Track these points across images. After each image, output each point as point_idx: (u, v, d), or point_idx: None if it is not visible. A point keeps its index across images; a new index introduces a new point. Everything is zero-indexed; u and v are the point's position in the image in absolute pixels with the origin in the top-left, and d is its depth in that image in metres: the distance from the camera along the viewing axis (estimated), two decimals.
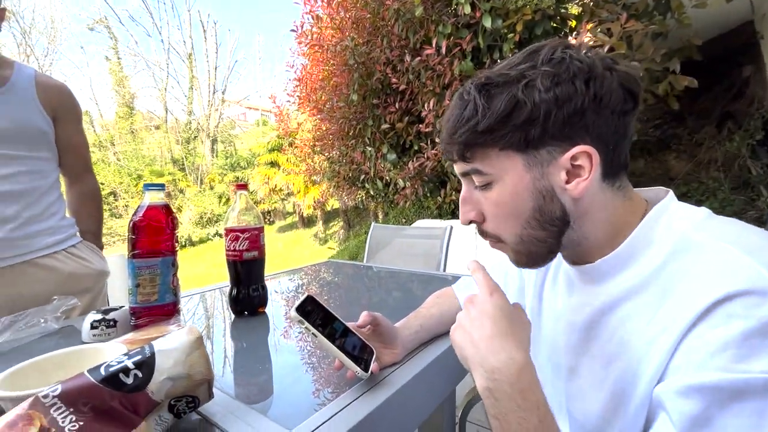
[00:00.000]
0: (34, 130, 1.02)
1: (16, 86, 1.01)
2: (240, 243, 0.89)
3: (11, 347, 0.77)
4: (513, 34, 2.44)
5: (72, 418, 0.39)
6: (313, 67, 4.06)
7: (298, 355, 0.72)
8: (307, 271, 1.50)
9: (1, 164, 0.94)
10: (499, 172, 0.47)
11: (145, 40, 21.04)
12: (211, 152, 19.52)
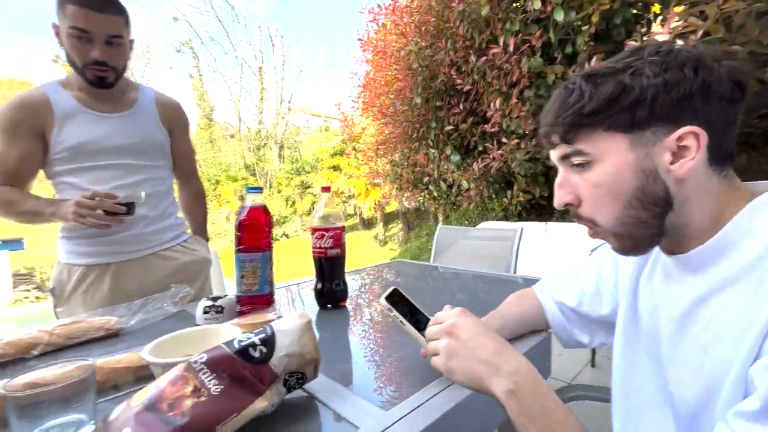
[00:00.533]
0: (155, 143, 1.19)
1: (142, 106, 1.19)
2: (325, 241, 0.97)
3: (142, 326, 0.91)
4: (588, 26, 2.31)
5: (215, 382, 0.47)
6: (377, 73, 4.18)
7: (381, 343, 0.77)
8: (375, 270, 1.56)
9: (133, 172, 1.12)
10: (601, 152, 0.47)
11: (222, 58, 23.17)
12: (278, 158, 20.79)
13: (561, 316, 0.73)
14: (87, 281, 1.09)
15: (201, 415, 0.43)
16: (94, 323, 0.84)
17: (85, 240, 1.09)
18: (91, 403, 0.50)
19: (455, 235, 2.04)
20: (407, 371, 0.64)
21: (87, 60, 1.01)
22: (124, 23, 1.05)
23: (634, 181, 0.46)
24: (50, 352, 0.78)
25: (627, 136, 0.45)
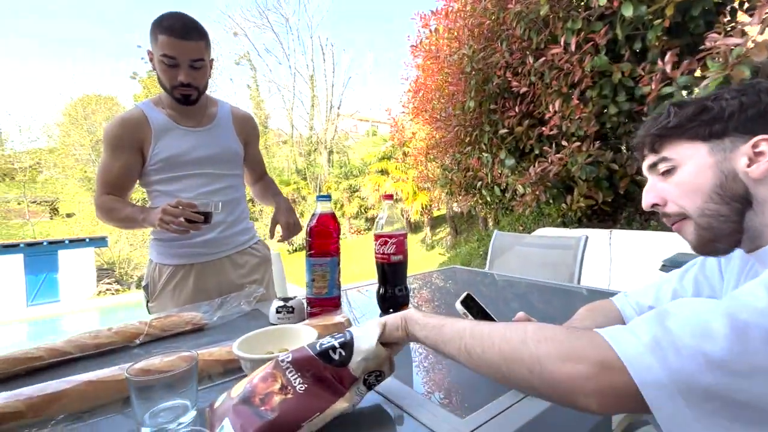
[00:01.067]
0: (232, 154, 1.29)
1: (221, 120, 1.29)
2: (388, 247, 0.99)
3: (222, 322, 1.00)
4: (661, 19, 2.15)
5: (300, 380, 0.50)
6: (428, 78, 4.18)
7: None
8: (430, 276, 1.56)
9: (215, 181, 1.23)
10: (683, 158, 0.54)
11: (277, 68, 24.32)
12: (327, 162, 21.43)
13: None
14: (175, 280, 1.21)
15: (288, 412, 0.46)
16: (184, 318, 0.93)
17: (173, 243, 1.21)
18: (193, 390, 0.56)
19: (511, 241, 1.98)
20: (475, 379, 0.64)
21: (174, 83, 1.13)
22: (204, 47, 1.14)
23: (714, 178, 0.52)
24: (148, 342, 0.87)
25: (706, 144, 0.52)
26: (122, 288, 11.94)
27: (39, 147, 16.11)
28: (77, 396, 0.57)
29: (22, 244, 10.68)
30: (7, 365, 0.70)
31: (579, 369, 0.37)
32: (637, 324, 0.38)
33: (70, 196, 15.95)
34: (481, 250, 6.24)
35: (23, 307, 10.02)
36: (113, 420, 0.57)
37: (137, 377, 0.53)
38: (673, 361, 0.33)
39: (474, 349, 0.45)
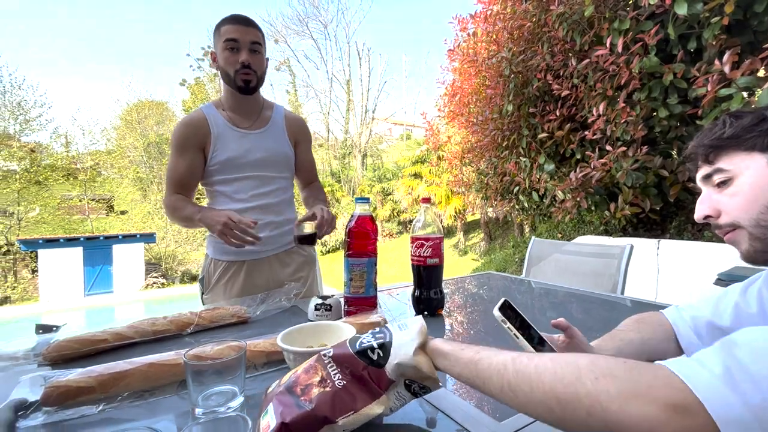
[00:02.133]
0: (284, 157, 1.35)
1: (275, 123, 1.35)
2: (424, 250, 1.01)
3: (264, 316, 1.05)
4: (719, 17, 2.02)
5: (339, 376, 0.50)
6: (464, 82, 4.15)
7: None
8: (464, 281, 1.55)
9: (267, 183, 1.29)
10: (740, 168, 0.53)
11: (314, 73, 24.95)
12: (361, 165, 21.68)
13: (697, 340, 0.66)
14: (227, 275, 1.28)
15: (323, 405, 0.46)
16: (230, 311, 0.99)
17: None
18: (241, 377, 0.60)
19: (550, 248, 1.93)
20: None
21: (237, 66, 1.20)
22: (261, 36, 1.24)
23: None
24: (198, 332, 0.93)
25: (765, 155, 0.51)
26: (167, 282, 12.67)
27: (98, 149, 17.45)
28: (140, 376, 0.63)
29: (82, 238, 11.62)
30: (79, 345, 0.78)
31: (648, 411, 0.32)
32: (705, 355, 0.35)
33: (123, 194, 17.14)
34: (516, 256, 6.08)
35: (81, 296, 10.87)
36: (170, 400, 0.62)
37: (193, 362, 0.57)
38: (752, 396, 0.30)
39: (520, 387, 0.40)
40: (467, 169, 4.63)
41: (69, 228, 14.67)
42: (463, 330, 0.95)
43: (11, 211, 13.34)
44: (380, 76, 23.93)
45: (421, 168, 12.38)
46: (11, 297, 11.10)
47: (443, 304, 1.04)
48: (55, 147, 15.50)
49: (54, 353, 0.75)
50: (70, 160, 15.83)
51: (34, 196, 14.11)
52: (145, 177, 17.25)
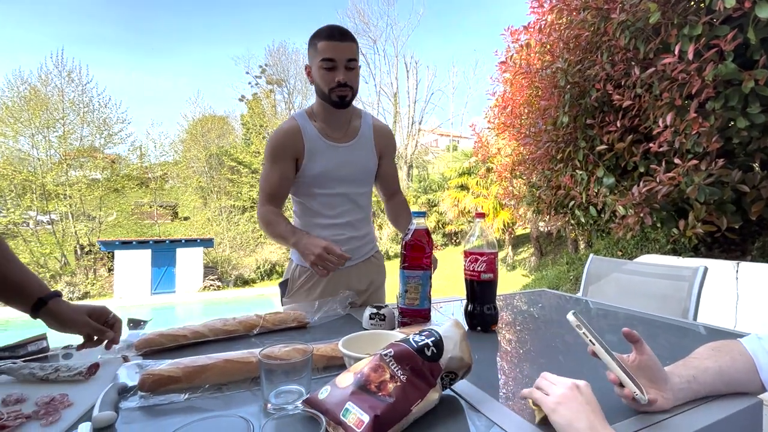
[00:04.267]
0: (369, 171, 1.36)
1: (364, 135, 1.33)
2: (478, 265, 1.01)
3: (321, 322, 1.10)
4: None
5: (401, 372, 0.56)
6: (516, 93, 4.07)
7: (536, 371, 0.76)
8: (515, 297, 1.51)
9: (354, 199, 1.32)
10: None
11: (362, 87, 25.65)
12: (407, 177, 21.77)
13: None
14: (310, 282, 1.33)
15: (401, 396, 0.53)
16: (290, 315, 1.05)
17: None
18: (308, 378, 0.64)
19: (609, 266, 1.82)
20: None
21: (332, 84, 1.18)
22: (356, 49, 1.21)
23: None
24: (262, 333, 1.00)
25: None
26: (222, 285, 13.45)
27: (167, 160, 19.13)
28: (218, 370, 0.70)
29: (150, 241, 12.74)
30: (164, 339, 0.87)
31: None
32: None
33: (186, 202, 18.60)
34: (571, 274, 5.76)
35: (148, 294, 11.86)
36: (243, 395, 0.68)
37: (266, 361, 0.62)
38: None
39: None
40: (518, 181, 4.50)
41: (140, 231, 16.14)
42: (511, 348, 0.93)
43: (94, 215, 14.96)
44: (427, 88, 24.06)
45: (468, 179, 12.19)
46: (90, 292, 12.36)
47: (497, 320, 1.03)
48: (131, 158, 17.23)
49: (144, 345, 0.85)
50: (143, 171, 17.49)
51: (112, 202, 15.74)
52: (206, 186, 18.58)
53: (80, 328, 0.79)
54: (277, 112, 21.89)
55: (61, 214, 14.09)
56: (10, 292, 0.77)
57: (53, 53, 15.25)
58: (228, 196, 18.23)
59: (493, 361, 0.86)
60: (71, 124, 14.82)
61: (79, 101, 14.99)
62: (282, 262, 15.33)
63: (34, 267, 12.24)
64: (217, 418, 0.45)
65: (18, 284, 0.77)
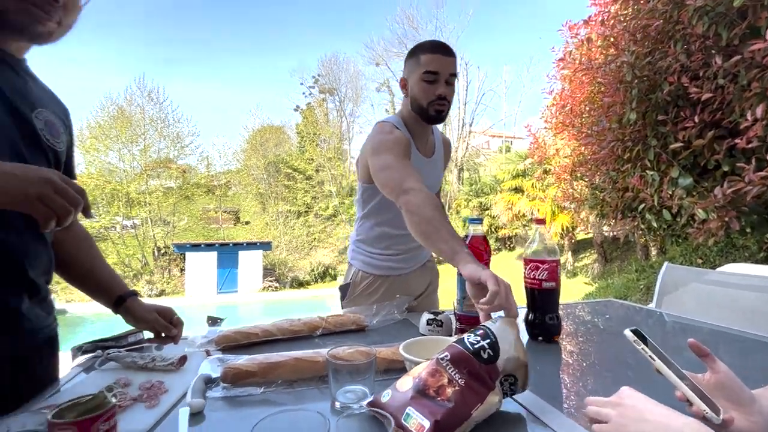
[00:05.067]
0: (439, 183, 1.43)
1: (438, 151, 1.38)
2: (540, 273, 0.98)
3: (379, 326, 1.13)
4: None
5: (458, 376, 0.56)
6: (576, 90, 3.85)
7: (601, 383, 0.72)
8: (579, 307, 1.43)
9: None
10: None
11: None
12: (457, 179, 21.40)
13: None
14: (372, 287, 1.38)
15: (460, 401, 0.53)
16: (350, 318, 1.09)
17: (380, 256, 1.37)
18: (371, 380, 0.67)
19: (687, 276, 1.67)
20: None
21: (432, 98, 1.17)
22: (456, 64, 1.21)
23: None
24: (324, 335, 1.05)
25: None
26: (279, 286, 14.15)
27: (230, 169, 20.59)
28: (289, 368, 0.75)
29: (216, 244, 13.77)
30: (239, 337, 0.95)
31: None
32: None
33: (247, 207, 19.87)
34: (641, 282, 5.30)
35: (214, 294, 12.81)
36: (312, 392, 0.73)
37: (334, 360, 0.66)
38: None
39: None
40: (579, 183, 4.24)
41: (207, 235, 17.50)
42: (573, 361, 0.89)
43: (168, 220, 16.52)
44: (478, 88, 23.52)
45: (523, 182, 11.72)
46: (166, 290, 13.63)
47: (560, 330, 0.99)
48: (200, 168, 18.78)
49: (222, 341, 0.94)
50: (210, 179, 18.97)
51: (184, 208, 17.26)
52: (265, 192, 19.73)
53: (150, 324, 0.91)
54: (329, 120, 22.68)
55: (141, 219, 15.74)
56: (98, 288, 0.91)
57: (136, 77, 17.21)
58: (284, 202, 19.19)
59: (555, 373, 0.83)
60: (150, 139, 16.54)
61: (157, 117, 16.71)
62: (334, 264, 15.79)
63: (120, 267, 13.79)
64: (296, 412, 0.49)
65: (104, 282, 0.91)
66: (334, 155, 21.25)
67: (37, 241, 0.70)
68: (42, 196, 0.54)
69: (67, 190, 0.56)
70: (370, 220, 1.37)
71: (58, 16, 0.66)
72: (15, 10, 0.62)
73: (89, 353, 0.89)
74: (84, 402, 0.43)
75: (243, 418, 0.63)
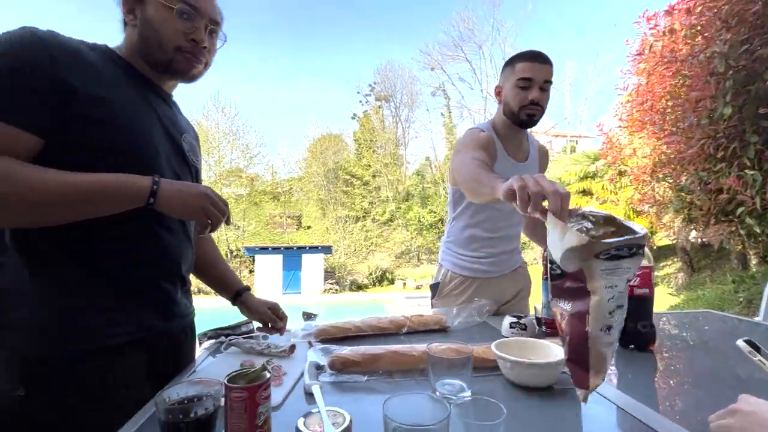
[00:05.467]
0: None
1: (533, 157, 1.40)
2: (631, 279, 0.95)
3: (460, 327, 1.17)
4: None
5: (564, 303, 0.58)
6: (657, 84, 3.57)
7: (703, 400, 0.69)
8: (664, 318, 1.34)
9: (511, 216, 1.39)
10: None
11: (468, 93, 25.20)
12: None
13: None
14: (460, 288, 1.43)
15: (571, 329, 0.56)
16: (433, 318, 1.14)
17: (471, 259, 1.43)
18: (468, 375, 0.72)
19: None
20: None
21: (525, 102, 1.22)
22: (551, 72, 1.25)
23: None
24: (409, 333, 1.12)
25: None
26: (339, 289, 14.62)
27: (293, 176, 21.80)
28: (388, 360, 0.82)
29: (282, 248, 14.63)
30: (335, 331, 1.05)
31: None
32: None
33: (308, 212, 20.85)
34: (741, 295, 4.69)
35: (279, 295, 13.58)
36: (410, 383, 0.79)
37: (435, 354, 0.72)
38: None
39: None
40: (661, 185, 3.90)
41: (273, 239, 18.64)
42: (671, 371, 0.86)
43: (239, 224, 17.88)
44: None
45: (592, 184, 10.97)
46: None
47: (654, 338, 0.96)
48: (266, 176, 20.13)
49: (321, 334, 1.04)
50: (275, 186, 20.24)
51: (252, 214, 18.60)
52: (324, 198, 20.57)
53: (261, 316, 1.04)
54: (385, 126, 23.08)
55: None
56: (219, 282, 1.07)
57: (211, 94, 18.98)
58: (343, 207, 19.86)
59: (650, 384, 0.81)
60: (223, 150, 18.09)
61: (229, 131, 18.26)
62: (392, 269, 15.97)
63: None
64: (418, 395, 0.55)
65: (225, 277, 1.08)
66: (391, 161, 21.57)
67: (188, 242, 0.85)
68: (204, 208, 0.67)
69: (220, 203, 0.70)
70: (460, 221, 1.43)
71: (205, 59, 0.81)
72: (178, 59, 0.77)
73: (212, 339, 1.05)
74: (249, 373, 0.54)
75: (352, 401, 0.71)
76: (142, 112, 0.76)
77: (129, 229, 0.71)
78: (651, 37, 3.63)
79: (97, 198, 0.64)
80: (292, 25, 40.24)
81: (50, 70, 0.62)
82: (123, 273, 0.73)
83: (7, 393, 0.63)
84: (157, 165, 0.75)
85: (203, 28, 0.78)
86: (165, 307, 0.80)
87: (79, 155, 0.66)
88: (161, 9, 0.74)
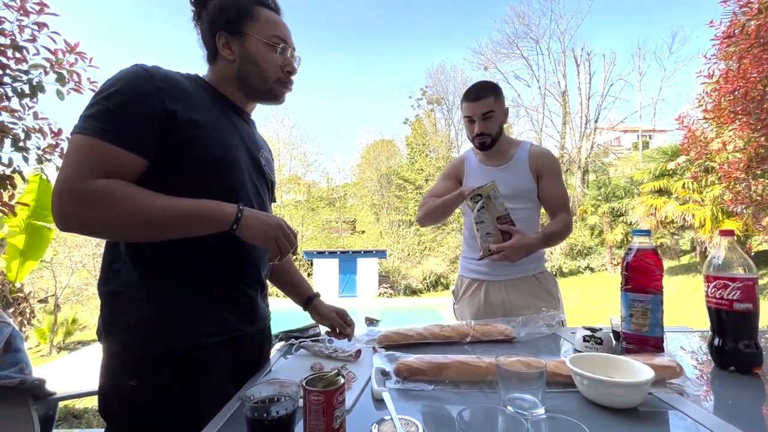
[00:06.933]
0: (524, 190, 1.46)
1: (517, 160, 1.49)
2: (729, 292, 0.85)
3: (527, 339, 1.12)
4: None
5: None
6: (750, 70, 3.15)
7: None
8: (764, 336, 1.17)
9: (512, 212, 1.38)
10: None
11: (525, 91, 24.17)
12: (582, 183, 19.28)
13: None
14: (470, 290, 1.51)
15: None
16: (498, 328, 1.11)
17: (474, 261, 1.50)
18: (541, 390, 0.68)
19: None
20: None
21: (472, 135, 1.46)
22: (494, 101, 1.42)
23: None
24: (472, 342, 1.09)
25: None
26: (394, 293, 14.69)
27: (347, 182, 22.41)
28: (454, 369, 0.81)
29: (338, 252, 15.07)
30: (398, 337, 1.06)
31: None
32: None
33: (362, 217, 21.28)
34: None
35: (336, 297, 13.97)
36: (476, 394, 0.77)
37: (504, 367, 0.70)
38: None
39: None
40: (758, 182, 3.42)
41: (329, 243, 19.28)
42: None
43: (297, 230, 18.77)
44: (604, 80, 20.92)
45: (670, 182, 9.95)
46: None
47: (761, 360, 0.84)
48: (322, 183, 20.92)
49: (384, 340, 1.06)
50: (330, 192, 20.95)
51: (310, 219, 19.41)
52: (378, 203, 20.86)
53: (330, 321, 1.09)
54: (437, 129, 22.90)
55: None
56: (294, 289, 1.13)
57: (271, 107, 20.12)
58: (396, 212, 19.99)
59: (756, 413, 0.71)
60: (283, 159, 19.13)
61: (288, 141, 19.28)
62: (446, 274, 15.72)
63: None
64: (492, 408, 0.54)
65: (297, 283, 1.14)
66: (444, 164, 21.33)
67: (265, 252, 0.91)
68: (277, 238, 0.75)
69: (290, 234, 0.76)
70: (465, 227, 1.57)
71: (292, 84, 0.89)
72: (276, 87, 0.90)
73: (283, 341, 1.11)
74: (325, 377, 0.56)
75: (420, 409, 0.71)
76: (228, 132, 0.84)
77: (219, 244, 0.79)
78: (742, 16, 3.22)
79: (190, 221, 0.72)
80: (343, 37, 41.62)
81: (157, 100, 0.72)
82: (214, 281, 0.81)
83: (123, 383, 0.72)
84: (240, 178, 0.83)
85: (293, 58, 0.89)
86: (249, 311, 0.87)
87: (177, 170, 0.75)
88: (263, 46, 0.84)
